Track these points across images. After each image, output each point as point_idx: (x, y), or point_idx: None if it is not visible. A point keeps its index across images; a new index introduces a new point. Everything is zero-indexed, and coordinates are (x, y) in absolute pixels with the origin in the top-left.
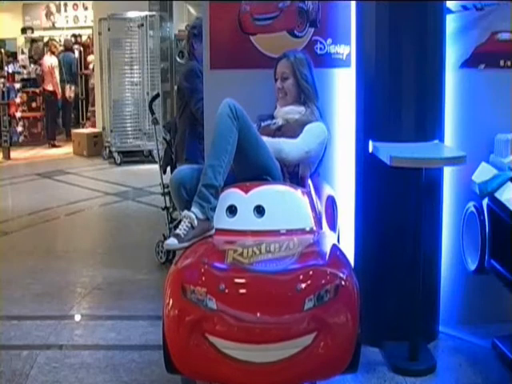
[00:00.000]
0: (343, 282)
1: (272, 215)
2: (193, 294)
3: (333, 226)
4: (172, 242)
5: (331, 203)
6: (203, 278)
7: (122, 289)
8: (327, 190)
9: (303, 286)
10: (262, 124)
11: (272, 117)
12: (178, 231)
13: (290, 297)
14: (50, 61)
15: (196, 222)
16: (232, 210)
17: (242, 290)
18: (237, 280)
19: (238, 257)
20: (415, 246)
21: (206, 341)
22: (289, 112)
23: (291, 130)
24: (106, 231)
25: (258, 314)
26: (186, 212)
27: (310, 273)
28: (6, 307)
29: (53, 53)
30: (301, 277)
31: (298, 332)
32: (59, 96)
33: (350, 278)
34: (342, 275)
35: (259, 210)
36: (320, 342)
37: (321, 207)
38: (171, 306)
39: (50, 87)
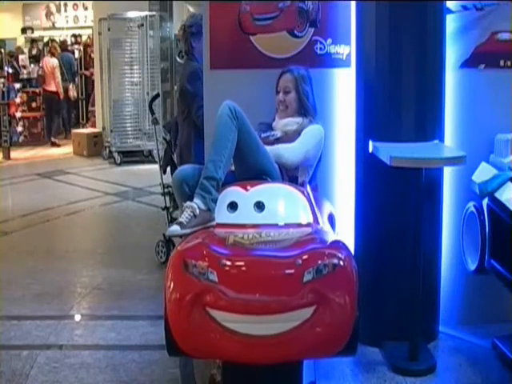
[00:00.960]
0: (341, 262)
1: (272, 210)
2: (194, 268)
3: None
4: (175, 228)
5: (330, 221)
6: (205, 254)
7: (122, 289)
8: (327, 207)
9: (302, 260)
10: (262, 135)
11: (271, 127)
12: (180, 219)
13: (290, 270)
14: (51, 62)
15: (198, 211)
16: (233, 206)
17: (243, 265)
18: (238, 256)
19: (238, 239)
20: (415, 246)
21: (207, 315)
22: (287, 124)
23: (289, 139)
24: (105, 231)
25: (259, 286)
26: (188, 203)
27: (309, 251)
28: (5, 307)
29: (53, 54)
30: (300, 254)
31: (298, 304)
32: (61, 96)
33: (349, 259)
34: (340, 255)
35: (259, 206)
36: (319, 316)
37: (319, 209)
38: (173, 281)
39: (52, 87)
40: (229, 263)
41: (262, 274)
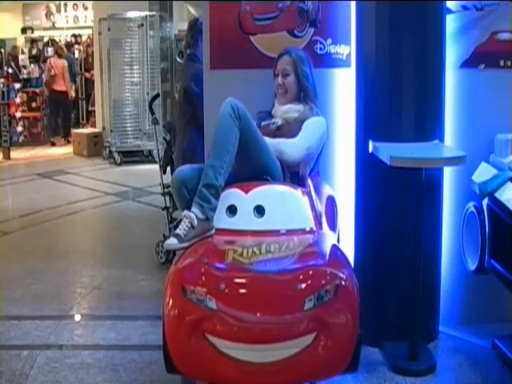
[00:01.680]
0: (343, 282)
1: (272, 215)
2: (193, 294)
3: (333, 226)
4: (172, 241)
5: (331, 203)
6: (203, 278)
7: (122, 289)
8: (327, 190)
9: (303, 285)
10: (262, 124)
11: (270, 115)
12: (178, 231)
13: (290, 297)
14: (60, 62)
15: (196, 221)
16: (232, 210)
17: (242, 290)
18: (237, 280)
19: (238, 257)
20: (415, 246)
21: (206, 341)
22: (288, 111)
23: (291, 129)
24: (105, 231)
25: (258, 314)
26: (186, 212)
27: (310, 273)
28: (5, 307)
29: (60, 55)
30: (301, 277)
31: (298, 332)
32: (70, 96)
33: (350, 277)
34: (341, 275)
35: (259, 210)
36: (320, 342)
37: (321, 207)
38: (171, 305)
39: (61, 87)
40: (228, 290)
41: (261, 301)
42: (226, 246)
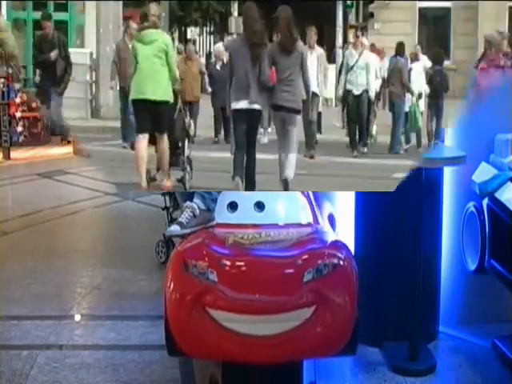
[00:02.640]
0: (341, 262)
1: (271, 210)
2: (194, 268)
3: None
4: (174, 228)
5: (331, 221)
6: (205, 254)
7: (122, 289)
8: (327, 207)
9: (302, 260)
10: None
11: None
12: (180, 219)
13: (290, 270)
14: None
15: (198, 211)
16: (233, 206)
17: (243, 265)
18: (238, 256)
19: (238, 239)
20: (415, 246)
21: (207, 315)
22: None
23: None
24: (105, 231)
25: (259, 286)
26: (188, 202)
27: (309, 251)
28: (6, 307)
29: None
30: (300, 254)
31: (298, 304)
32: None
33: (349, 260)
34: (340, 255)
35: (259, 206)
36: (319, 315)
37: (318, 205)
38: (173, 281)
39: None
40: (229, 263)
41: (262, 273)
42: (227, 234)
